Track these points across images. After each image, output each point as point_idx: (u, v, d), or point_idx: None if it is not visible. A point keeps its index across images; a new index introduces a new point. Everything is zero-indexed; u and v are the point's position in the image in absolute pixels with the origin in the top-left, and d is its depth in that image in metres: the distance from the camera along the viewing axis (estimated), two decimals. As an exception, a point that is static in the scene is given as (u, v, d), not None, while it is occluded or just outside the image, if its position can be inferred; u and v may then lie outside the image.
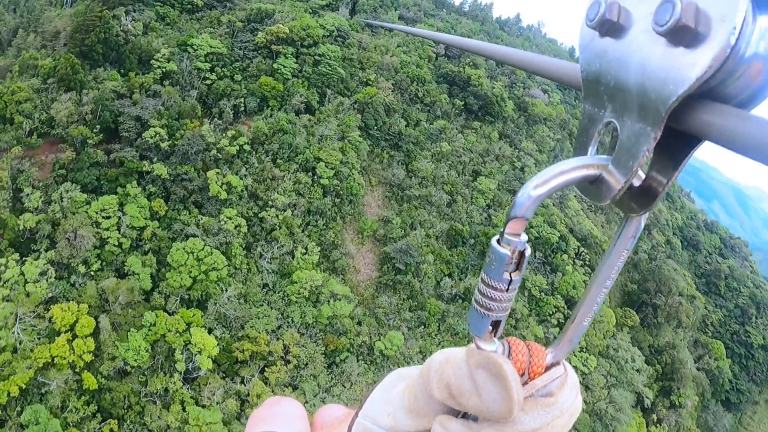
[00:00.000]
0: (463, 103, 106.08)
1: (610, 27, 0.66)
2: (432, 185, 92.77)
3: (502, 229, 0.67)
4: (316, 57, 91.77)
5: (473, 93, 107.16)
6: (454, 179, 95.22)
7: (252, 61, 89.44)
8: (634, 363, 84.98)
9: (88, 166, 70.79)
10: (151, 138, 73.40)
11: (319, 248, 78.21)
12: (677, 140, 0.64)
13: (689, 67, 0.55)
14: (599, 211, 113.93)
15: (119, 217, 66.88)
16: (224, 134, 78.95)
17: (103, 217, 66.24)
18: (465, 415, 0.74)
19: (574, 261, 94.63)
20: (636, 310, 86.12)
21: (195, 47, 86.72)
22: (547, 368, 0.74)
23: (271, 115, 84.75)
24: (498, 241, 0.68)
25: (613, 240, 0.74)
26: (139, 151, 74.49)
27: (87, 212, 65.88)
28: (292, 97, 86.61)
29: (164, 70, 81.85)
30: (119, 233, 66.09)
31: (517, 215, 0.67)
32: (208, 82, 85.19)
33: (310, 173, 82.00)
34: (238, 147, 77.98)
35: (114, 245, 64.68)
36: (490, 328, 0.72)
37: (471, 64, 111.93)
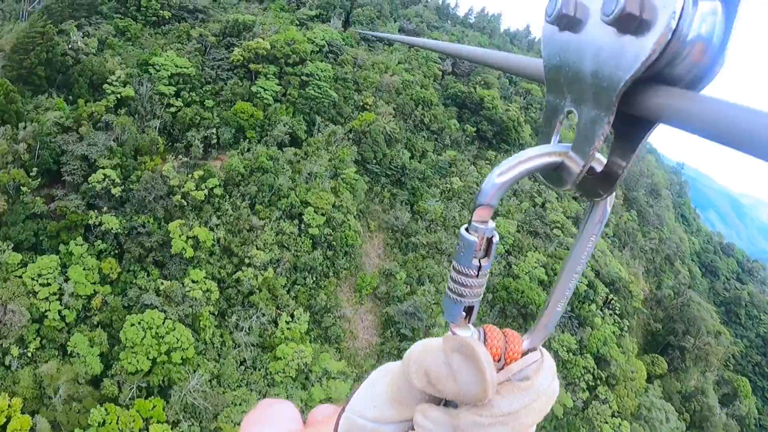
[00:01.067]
0: (475, 129, 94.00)
1: (567, 21, 0.70)
2: (442, 229, 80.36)
3: (469, 218, 0.72)
4: (303, 77, 79.36)
5: (486, 117, 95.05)
6: (466, 221, 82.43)
7: (226, 83, 77.00)
8: (668, 423, 74.60)
9: (24, 219, 58.05)
10: (99, 183, 60.52)
11: (309, 313, 65.50)
12: (633, 125, 0.68)
13: (636, 52, 0.59)
14: (624, 247, 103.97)
15: (61, 285, 54.06)
16: (191, 175, 66.15)
17: (40, 285, 53.39)
18: (446, 403, 0.78)
19: (602, 310, 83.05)
20: (661, 352, 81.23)
21: (158, 67, 74.27)
22: (524, 354, 0.77)
23: (248, 150, 72.15)
24: (467, 230, 0.73)
25: (581, 226, 0.79)
26: (85, 198, 61.75)
27: (21, 278, 53.07)
28: (275, 127, 74.08)
29: (119, 96, 69.18)
30: (61, 304, 53.39)
31: (483, 203, 0.71)
32: (173, 109, 72.74)
33: (296, 221, 69.42)
34: (207, 191, 65.15)
35: (55, 319, 52.09)
36: (464, 314, 0.76)
37: (482, 83, 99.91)
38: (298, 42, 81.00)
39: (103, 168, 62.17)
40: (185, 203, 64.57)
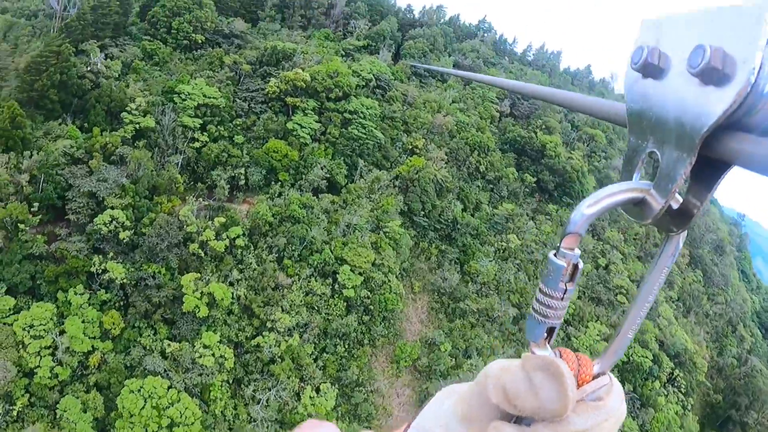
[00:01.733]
0: (535, 179, 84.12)
1: (651, 70, 0.77)
2: (494, 294, 70.10)
3: (558, 244, 0.77)
4: (346, 114, 70.99)
5: (547, 166, 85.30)
6: (523, 286, 72.48)
7: (259, 118, 69.08)
8: None
9: (20, 259, 50.48)
10: (106, 225, 52.54)
11: (337, 387, 55.95)
12: (709, 167, 0.74)
13: (717, 102, 0.65)
14: (689, 312, 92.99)
15: (54, 339, 46.41)
16: (212, 221, 57.73)
17: (31, 337, 45.65)
18: (517, 421, 0.81)
19: (666, 387, 72.38)
20: (720, 426, 75.06)
21: (184, 96, 66.71)
22: (594, 377, 0.82)
23: (279, 194, 63.68)
24: (555, 255, 0.78)
25: (655, 258, 0.83)
26: (90, 240, 54.03)
27: (12, 326, 45.56)
28: (311, 170, 65.54)
29: (138, 126, 61.62)
30: (54, 360, 45.92)
31: (572, 231, 0.77)
32: (198, 144, 64.79)
33: (329, 280, 60.33)
34: (229, 240, 56.54)
35: (46, 376, 44.75)
36: (545, 334, 0.81)
37: (543, 127, 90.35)
38: (341, 74, 72.93)
39: (112, 208, 54.18)
40: (203, 254, 56.10)
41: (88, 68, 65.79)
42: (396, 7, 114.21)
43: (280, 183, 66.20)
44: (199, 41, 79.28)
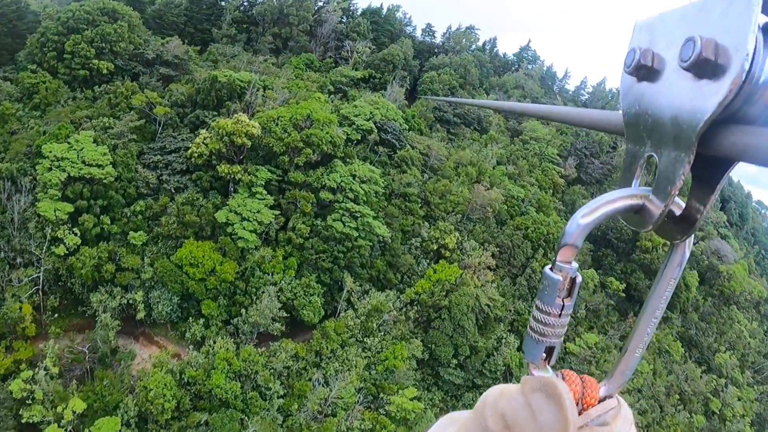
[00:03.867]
0: (623, 285, 56.12)
1: (645, 72, 0.76)
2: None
3: (554, 258, 0.75)
4: (324, 194, 43.56)
5: (641, 264, 57.27)
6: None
7: (173, 200, 41.56)
8: None
9: None
10: None
11: None
12: (711, 166, 0.73)
13: (712, 94, 0.64)
14: None
15: None
16: (66, 404, 29.61)
17: None
18: None
19: None
20: None
21: (50, 162, 39.64)
22: (601, 401, 0.80)
23: (202, 339, 35.88)
24: (551, 269, 0.76)
25: (661, 269, 0.82)
26: None
27: None
28: (257, 298, 37.64)
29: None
30: None
31: (567, 243, 0.74)
32: (63, 249, 37.44)
33: None
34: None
35: None
36: (544, 354, 0.79)
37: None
38: (320, 122, 45.50)
39: None
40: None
41: None
42: (411, 28, 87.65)
43: (204, 319, 38.22)
44: (105, 71, 52.20)
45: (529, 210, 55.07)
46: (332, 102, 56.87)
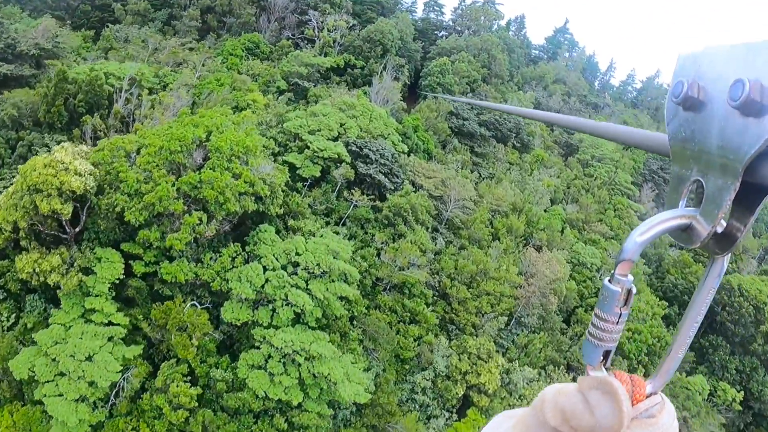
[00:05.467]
0: (741, 393, 33.86)
1: (692, 103, 0.84)
2: None
3: (612, 271, 0.83)
4: (235, 306, 20.00)
5: (764, 358, 35.45)
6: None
7: None
8: None
9: None
10: None
11: None
12: (751, 192, 0.81)
13: (758, 132, 0.72)
14: None
15: None
16: None
17: None
18: None
19: None
20: None
21: None
22: (647, 397, 0.87)
23: None
24: (609, 281, 0.83)
25: (702, 279, 0.90)
26: None
27: None
28: None
29: None
30: None
31: (625, 258, 0.81)
32: None
33: None
34: None
35: None
36: (602, 357, 0.87)
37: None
38: (222, 152, 22.71)
39: None
40: None
41: None
42: (410, 1, 64.76)
43: None
44: None
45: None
46: (275, 108, 33.93)
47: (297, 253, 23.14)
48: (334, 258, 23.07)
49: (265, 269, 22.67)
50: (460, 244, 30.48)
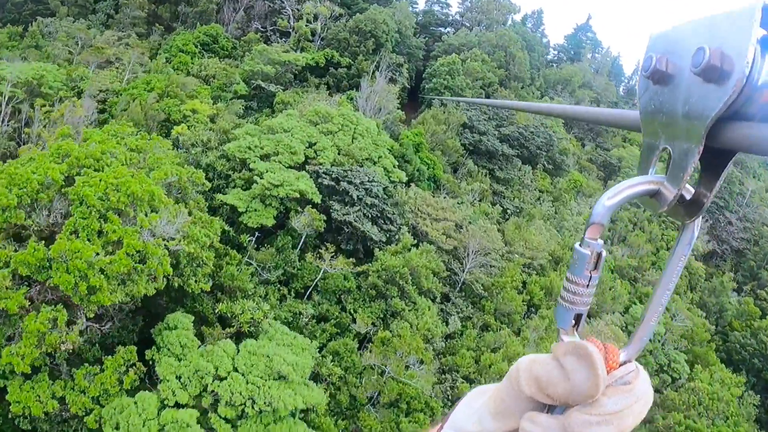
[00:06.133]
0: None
1: (660, 75, 0.86)
2: None
3: (582, 235, 0.84)
4: None
5: None
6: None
7: None
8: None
9: None
10: None
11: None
12: (716, 158, 0.85)
13: (719, 95, 0.75)
14: None
15: None
16: None
17: None
18: (550, 410, 0.87)
19: None
20: None
21: None
22: (621, 365, 0.88)
23: None
24: (580, 245, 0.85)
25: (674, 247, 0.93)
26: None
27: None
28: None
29: None
30: None
31: (595, 222, 0.84)
32: None
33: None
34: None
35: None
36: (573, 321, 0.88)
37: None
38: (120, 198, 13.28)
39: None
40: None
41: None
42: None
43: None
44: None
45: (678, 366, 23.17)
46: (223, 120, 24.70)
47: (218, 376, 13.96)
48: (280, 382, 13.90)
49: (163, 406, 13.45)
50: (483, 321, 21.20)
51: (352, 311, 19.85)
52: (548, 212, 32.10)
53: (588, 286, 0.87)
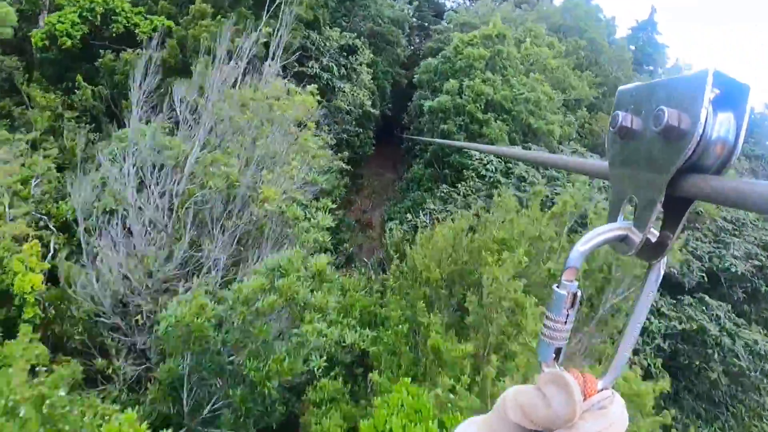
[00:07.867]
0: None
1: (626, 132, 0.95)
2: None
3: (559, 277, 0.94)
4: None
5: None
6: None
7: None
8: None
9: None
10: None
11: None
12: (677, 204, 0.94)
13: (677, 151, 0.84)
14: None
15: None
16: None
17: None
18: None
19: None
20: None
21: None
22: (598, 393, 0.95)
23: None
24: (557, 287, 0.95)
25: (641, 285, 1.02)
26: None
27: None
28: None
29: None
30: None
31: (570, 265, 0.94)
32: None
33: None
34: None
35: None
36: (554, 355, 0.96)
37: None
38: None
39: None
40: None
41: None
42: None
43: None
44: None
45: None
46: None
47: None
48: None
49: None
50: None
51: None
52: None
53: (566, 322, 0.95)
